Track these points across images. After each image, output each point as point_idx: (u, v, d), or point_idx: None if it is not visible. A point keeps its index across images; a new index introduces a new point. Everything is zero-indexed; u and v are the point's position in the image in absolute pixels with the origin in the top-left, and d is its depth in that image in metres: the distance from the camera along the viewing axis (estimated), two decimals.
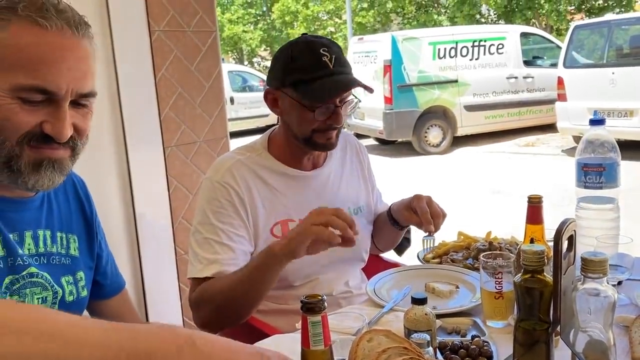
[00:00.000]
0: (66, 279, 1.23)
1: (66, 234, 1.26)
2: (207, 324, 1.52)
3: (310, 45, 1.55)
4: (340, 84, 1.54)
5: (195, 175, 2.50)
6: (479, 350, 1.21)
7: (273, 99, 1.61)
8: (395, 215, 1.77)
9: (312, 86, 1.52)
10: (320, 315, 0.81)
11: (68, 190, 1.32)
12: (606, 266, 0.98)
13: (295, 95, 1.55)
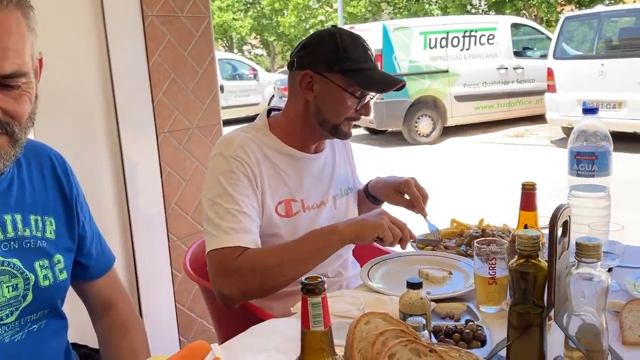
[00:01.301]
0: (40, 263, 1.20)
1: (41, 216, 1.23)
2: (250, 292, 1.53)
3: (355, 37, 1.64)
4: (391, 79, 1.67)
5: (188, 162, 2.50)
6: (473, 334, 1.23)
7: (309, 82, 1.62)
8: (374, 192, 1.87)
9: (364, 76, 1.61)
10: (320, 296, 0.82)
11: (45, 170, 1.27)
12: (600, 251, 0.99)
13: (344, 82, 1.60)
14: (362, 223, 1.56)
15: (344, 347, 0.98)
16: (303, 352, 0.84)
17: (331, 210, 1.76)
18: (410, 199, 1.75)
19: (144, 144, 2.35)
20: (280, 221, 1.64)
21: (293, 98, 1.69)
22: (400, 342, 0.93)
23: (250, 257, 1.51)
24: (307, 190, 1.71)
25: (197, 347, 1.02)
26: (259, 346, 1.25)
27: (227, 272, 1.52)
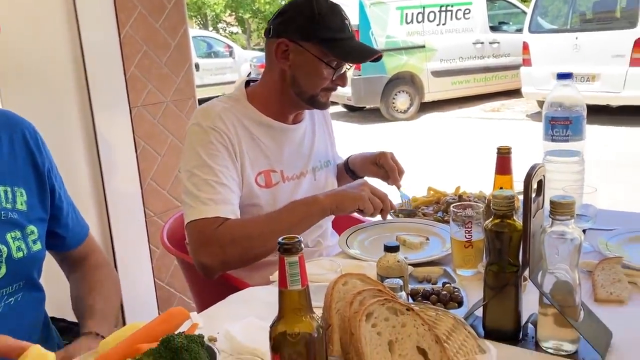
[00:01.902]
0: (12, 235, 1.19)
1: (11, 187, 1.21)
2: (231, 262, 1.53)
3: (333, 5, 1.60)
4: (368, 49, 1.66)
5: (163, 137, 2.46)
6: (450, 295, 1.24)
7: (285, 51, 1.59)
8: (353, 167, 1.88)
9: (341, 46, 1.58)
10: (297, 255, 0.81)
11: (15, 142, 1.25)
12: (573, 208, 1.00)
13: (320, 52, 1.57)
14: (342, 194, 1.56)
15: (322, 308, 0.99)
16: (281, 312, 0.84)
17: (311, 181, 1.76)
18: (385, 170, 1.77)
19: (117, 118, 2.31)
20: (260, 192, 1.63)
21: (269, 67, 1.67)
22: (378, 301, 0.94)
23: (230, 228, 1.50)
24: (286, 161, 1.70)
25: (175, 313, 1.01)
26: (238, 313, 1.25)
27: (207, 242, 1.51)
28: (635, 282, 1.29)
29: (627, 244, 1.47)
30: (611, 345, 1.06)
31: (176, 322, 0.99)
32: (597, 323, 1.09)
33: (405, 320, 0.94)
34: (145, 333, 0.96)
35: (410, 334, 0.93)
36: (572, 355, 1.03)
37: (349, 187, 1.58)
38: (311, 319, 0.84)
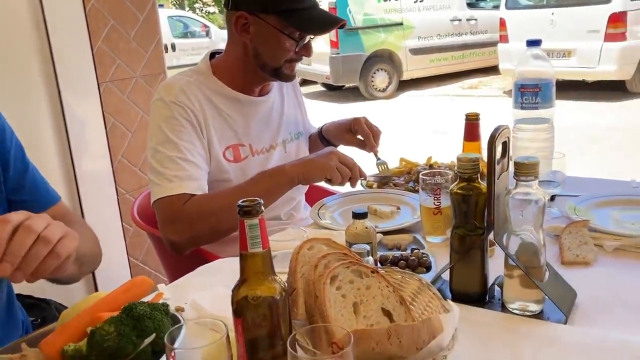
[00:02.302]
0: None
1: None
2: (200, 237, 1.51)
3: None
4: (330, 18, 1.61)
5: (133, 113, 2.42)
6: (418, 261, 1.24)
7: (245, 24, 1.55)
8: (328, 136, 1.85)
9: (301, 16, 1.52)
10: (257, 218, 0.80)
11: None
12: (537, 169, 1.01)
13: (280, 24, 1.52)
14: (309, 164, 1.54)
15: (287, 273, 0.98)
16: (242, 276, 0.83)
17: (281, 154, 1.73)
18: (361, 136, 1.75)
19: (85, 94, 2.26)
20: (229, 166, 1.61)
21: (231, 40, 1.62)
22: (342, 264, 0.93)
23: (197, 203, 1.48)
24: (255, 134, 1.67)
25: (138, 282, 1.00)
26: (206, 283, 1.24)
27: (175, 219, 1.49)
28: (602, 244, 1.30)
29: (594, 208, 1.49)
30: (575, 304, 1.07)
31: (139, 291, 0.98)
32: (562, 283, 1.10)
33: (370, 282, 0.93)
34: (107, 302, 0.95)
35: (375, 295, 0.92)
36: (538, 315, 1.04)
37: (317, 156, 1.56)
38: (274, 282, 0.84)
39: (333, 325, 0.77)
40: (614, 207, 1.50)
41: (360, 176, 1.58)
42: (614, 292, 1.11)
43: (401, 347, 0.77)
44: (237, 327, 0.83)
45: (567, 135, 6.07)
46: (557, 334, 0.97)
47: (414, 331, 0.78)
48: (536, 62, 1.66)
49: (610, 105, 7.47)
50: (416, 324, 0.80)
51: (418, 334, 0.78)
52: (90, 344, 0.86)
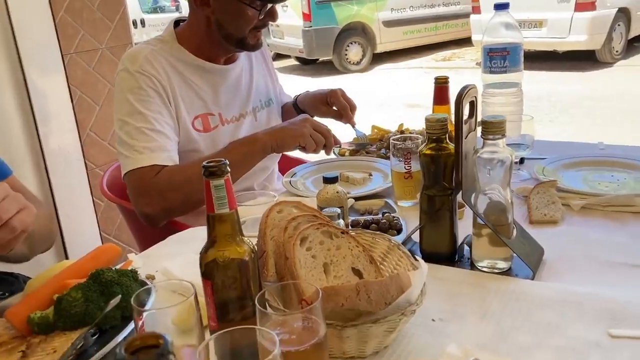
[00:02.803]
0: None
1: None
2: (173, 209, 1.48)
3: None
4: None
5: (100, 85, 2.37)
6: (389, 224, 1.25)
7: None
8: (303, 107, 1.82)
9: None
10: (223, 178, 0.79)
11: None
12: (504, 127, 1.01)
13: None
14: (283, 131, 1.53)
15: (257, 236, 0.97)
16: (210, 238, 0.83)
17: (252, 123, 1.71)
18: (337, 109, 1.73)
19: (48, 66, 2.20)
20: (199, 136, 1.59)
21: (193, 12, 1.58)
22: (312, 225, 0.93)
23: (169, 174, 1.46)
24: (224, 103, 1.64)
25: (105, 249, 0.99)
26: (177, 252, 1.23)
27: (147, 191, 1.46)
28: (569, 204, 1.32)
29: (562, 170, 1.51)
30: (543, 261, 1.09)
31: (107, 259, 0.97)
32: (530, 241, 1.11)
33: (340, 242, 0.94)
34: (73, 270, 0.93)
35: (345, 255, 0.93)
36: (506, 272, 1.06)
37: (290, 124, 1.54)
38: (242, 243, 0.83)
39: (302, 282, 0.77)
40: (581, 168, 1.52)
41: (334, 143, 1.58)
42: (580, 248, 1.13)
43: (370, 302, 0.78)
44: (207, 289, 0.83)
45: (538, 104, 6.14)
46: (524, 290, 0.98)
47: (383, 287, 0.79)
48: (504, 26, 1.65)
49: (581, 75, 7.56)
50: (384, 280, 0.80)
51: (387, 289, 0.79)
52: (57, 310, 0.84)
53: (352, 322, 0.78)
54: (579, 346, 0.82)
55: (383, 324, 0.79)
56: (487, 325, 0.89)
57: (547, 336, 0.85)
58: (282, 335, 0.69)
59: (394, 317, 0.79)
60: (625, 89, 6.69)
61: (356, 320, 0.79)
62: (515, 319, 0.90)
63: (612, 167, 1.51)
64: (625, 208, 1.28)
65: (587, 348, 0.81)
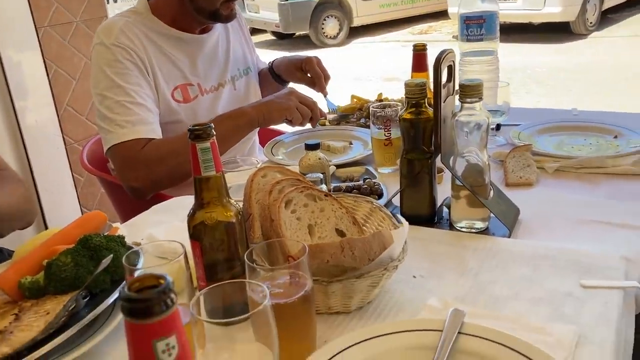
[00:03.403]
0: None
1: None
2: (161, 182, 1.48)
3: None
4: None
5: (76, 59, 2.33)
6: (370, 189, 1.28)
7: None
8: (278, 71, 1.84)
9: None
10: (209, 141, 0.81)
11: None
12: (481, 90, 1.04)
13: None
14: (270, 105, 1.53)
15: (243, 200, 0.99)
16: (197, 200, 0.84)
17: (231, 92, 1.72)
18: (311, 76, 1.75)
19: (22, 39, 2.16)
20: (179, 107, 1.59)
21: None
22: (296, 188, 0.95)
23: (155, 147, 1.46)
24: (202, 73, 1.64)
25: (91, 216, 1.00)
26: (162, 220, 1.24)
27: (133, 165, 1.46)
28: (543, 166, 1.36)
29: (536, 135, 1.55)
30: (519, 220, 1.13)
31: (93, 225, 0.98)
32: (506, 201, 1.15)
33: (324, 205, 0.96)
34: (61, 237, 0.94)
35: (329, 217, 0.95)
36: (483, 232, 1.10)
37: (276, 97, 1.55)
38: (229, 205, 0.85)
39: (287, 240, 0.79)
40: (555, 133, 1.57)
41: (320, 115, 1.59)
42: (554, 208, 1.17)
43: (354, 258, 0.81)
44: (195, 250, 0.85)
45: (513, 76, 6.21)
46: (501, 247, 1.02)
47: (366, 244, 0.82)
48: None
49: (556, 47, 7.63)
50: (367, 237, 0.83)
51: (370, 246, 0.82)
52: (47, 275, 0.86)
53: (337, 277, 0.81)
54: (552, 297, 0.86)
55: (367, 279, 0.82)
56: (466, 280, 0.92)
57: (522, 289, 0.89)
58: (270, 289, 0.71)
59: (376, 272, 0.82)
60: (599, 60, 6.79)
61: (341, 276, 0.82)
62: (492, 274, 0.94)
63: (584, 131, 1.55)
64: (597, 170, 1.33)
65: (560, 298, 0.86)
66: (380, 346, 0.73)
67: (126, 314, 0.38)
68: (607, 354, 0.73)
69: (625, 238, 1.02)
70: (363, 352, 0.72)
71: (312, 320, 0.75)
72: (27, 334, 0.75)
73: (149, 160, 1.45)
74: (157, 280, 0.39)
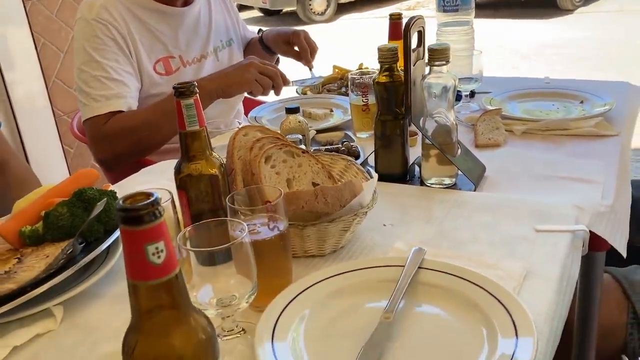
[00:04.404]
0: None
1: None
2: (123, 154, 1.54)
3: None
4: None
5: (64, 32, 2.37)
6: (348, 151, 1.35)
7: None
8: (268, 43, 1.89)
9: None
10: (192, 98, 0.87)
11: None
12: (448, 54, 1.11)
13: None
14: (226, 78, 1.53)
15: (226, 157, 1.07)
16: (183, 154, 0.91)
17: (214, 63, 1.77)
18: (298, 50, 1.80)
19: (10, 13, 2.20)
20: (161, 79, 1.63)
21: None
22: (275, 145, 1.03)
23: (117, 121, 1.51)
24: (184, 45, 1.69)
25: (85, 172, 1.07)
26: (150, 181, 1.31)
27: (99, 138, 1.53)
28: (512, 129, 1.45)
29: (507, 101, 1.63)
30: (485, 177, 1.22)
31: (87, 181, 1.05)
32: (473, 159, 1.23)
33: (302, 161, 1.04)
34: (57, 191, 1.01)
35: (306, 172, 1.03)
36: (451, 187, 1.18)
37: (234, 70, 1.55)
38: (212, 159, 0.92)
39: (266, 187, 0.87)
40: (526, 99, 1.65)
41: (284, 83, 1.58)
42: (518, 166, 1.26)
43: (327, 204, 0.89)
44: (182, 199, 0.92)
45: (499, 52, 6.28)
46: (465, 199, 1.11)
47: (338, 191, 0.89)
48: None
49: (542, 23, 7.70)
50: (339, 185, 0.91)
51: (341, 193, 0.90)
52: (45, 224, 0.93)
53: (312, 222, 0.89)
54: (508, 240, 0.95)
55: (339, 223, 0.90)
56: (431, 227, 1.01)
57: (481, 233, 0.98)
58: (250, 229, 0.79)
59: (348, 217, 0.90)
60: (584, 35, 6.86)
61: (315, 221, 0.90)
62: (455, 222, 1.02)
63: (553, 97, 1.63)
64: (562, 132, 1.41)
65: (515, 240, 0.94)
66: (348, 280, 0.82)
67: (122, 223, 0.46)
68: (551, 285, 0.82)
69: (579, 190, 1.11)
70: (332, 285, 0.81)
71: (288, 258, 0.84)
72: (30, 274, 0.82)
73: (111, 134, 1.51)
74: (147, 196, 0.46)
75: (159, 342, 0.49)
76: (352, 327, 0.75)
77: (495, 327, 0.69)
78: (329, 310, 0.77)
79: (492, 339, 0.68)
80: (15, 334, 0.80)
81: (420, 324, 0.75)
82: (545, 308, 0.77)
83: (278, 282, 0.82)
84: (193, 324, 0.50)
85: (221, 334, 0.76)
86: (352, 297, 0.80)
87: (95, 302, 0.89)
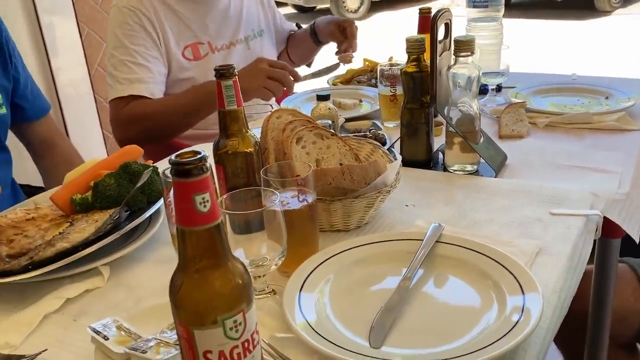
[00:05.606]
0: None
1: None
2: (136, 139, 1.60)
3: None
4: None
5: (106, 22, 2.44)
6: (375, 138, 1.41)
7: None
8: (317, 29, 1.95)
9: None
10: (231, 80, 0.95)
11: None
12: (473, 45, 1.16)
13: None
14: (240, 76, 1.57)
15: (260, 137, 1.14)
16: (221, 131, 0.99)
17: (244, 51, 1.83)
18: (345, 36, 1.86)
19: (58, 3, 2.31)
20: (189, 65, 1.71)
21: None
22: (306, 128, 1.10)
23: (135, 106, 1.59)
24: (213, 31, 1.75)
25: (130, 149, 1.15)
26: None
27: (117, 120, 1.63)
28: (535, 122, 1.49)
29: (532, 95, 1.67)
30: (506, 165, 1.26)
31: (132, 156, 1.13)
32: (495, 147, 1.28)
33: (330, 143, 1.10)
34: (105, 164, 1.10)
35: (334, 153, 1.10)
36: (473, 174, 1.23)
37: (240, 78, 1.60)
38: (248, 137, 1.00)
39: (296, 163, 0.94)
40: (552, 94, 1.68)
41: (295, 80, 1.58)
42: (539, 155, 1.30)
43: (353, 182, 0.95)
44: (219, 173, 1.00)
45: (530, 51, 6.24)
46: (486, 184, 1.16)
47: (363, 170, 0.96)
48: None
49: (578, 24, 7.60)
50: (364, 165, 0.97)
51: (366, 172, 0.96)
52: (94, 193, 1.02)
53: (338, 197, 0.96)
54: (523, 221, 1.00)
55: (363, 200, 0.96)
56: (451, 209, 1.07)
57: (499, 215, 1.03)
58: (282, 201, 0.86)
59: (372, 194, 0.97)
60: (622, 38, 6.76)
61: (341, 197, 0.96)
62: (474, 204, 1.08)
63: (578, 93, 1.67)
64: (584, 125, 1.44)
65: (530, 222, 0.99)
66: (371, 250, 0.88)
67: (174, 175, 0.53)
68: (562, 262, 0.87)
69: (597, 179, 1.15)
70: (356, 254, 0.88)
71: (315, 228, 0.91)
72: (81, 235, 0.91)
73: (125, 119, 1.59)
74: (195, 154, 0.54)
75: (201, 283, 0.56)
76: (372, 290, 0.81)
77: (503, 289, 0.75)
78: (352, 276, 0.84)
79: (502, 300, 0.74)
80: (68, 288, 0.89)
81: (435, 289, 0.81)
82: (554, 281, 0.82)
83: (305, 251, 0.89)
84: (231, 268, 0.57)
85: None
86: (374, 265, 0.86)
87: (138, 265, 0.97)
